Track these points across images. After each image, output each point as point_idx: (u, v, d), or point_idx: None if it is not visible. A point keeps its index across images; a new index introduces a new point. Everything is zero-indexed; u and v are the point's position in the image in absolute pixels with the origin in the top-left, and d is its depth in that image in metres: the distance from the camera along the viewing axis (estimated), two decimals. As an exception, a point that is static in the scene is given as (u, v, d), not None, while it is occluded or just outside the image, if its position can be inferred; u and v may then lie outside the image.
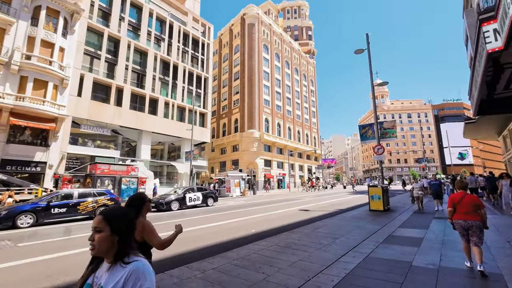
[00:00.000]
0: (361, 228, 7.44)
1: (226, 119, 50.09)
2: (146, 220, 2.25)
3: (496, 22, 10.38)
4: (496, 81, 13.98)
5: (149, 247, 2.26)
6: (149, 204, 2.40)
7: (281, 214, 12.00)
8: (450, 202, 4.27)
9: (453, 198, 4.27)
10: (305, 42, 71.23)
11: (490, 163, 79.57)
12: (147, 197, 2.42)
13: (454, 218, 4.20)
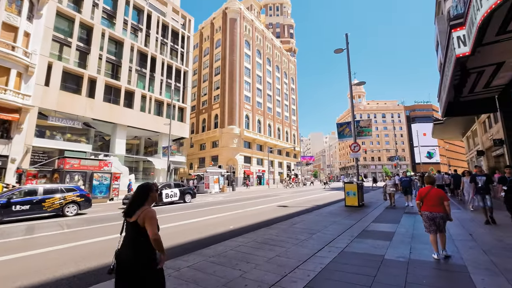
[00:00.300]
0: (337, 223, 7.61)
1: (206, 115, 49.32)
2: (151, 208, 2.32)
3: (465, 29, 11.03)
4: (462, 84, 14.90)
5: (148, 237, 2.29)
6: (155, 193, 2.48)
7: (259, 210, 12.01)
8: (418, 195, 4.67)
9: (421, 192, 4.66)
10: (286, 40, 71.68)
11: (455, 162, 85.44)
12: (154, 187, 2.48)
13: (422, 210, 4.56)
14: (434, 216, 4.35)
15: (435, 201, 4.40)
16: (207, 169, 26.95)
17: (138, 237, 2.22)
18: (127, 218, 2.30)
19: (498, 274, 3.53)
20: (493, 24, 9.58)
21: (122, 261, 2.22)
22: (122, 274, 2.20)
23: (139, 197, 2.35)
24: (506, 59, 12.89)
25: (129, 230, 2.28)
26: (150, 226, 2.21)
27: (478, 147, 26.13)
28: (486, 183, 7.01)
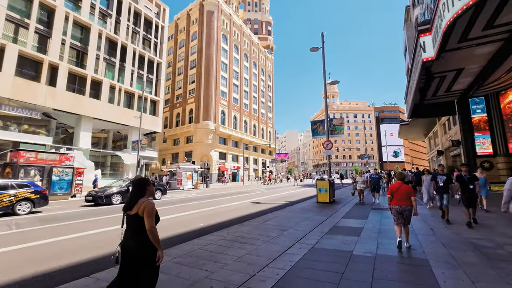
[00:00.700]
0: (308, 220, 7.66)
1: (180, 109, 47.82)
2: (150, 201, 2.44)
3: (431, 35, 11.65)
4: (427, 88, 15.83)
5: None
6: (152, 187, 2.60)
7: (232, 207, 11.82)
8: (390, 190, 4.98)
9: (392, 187, 4.98)
10: (264, 37, 71.66)
11: (417, 161, 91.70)
12: (150, 181, 2.61)
13: (391, 204, 4.88)
14: (402, 209, 4.69)
15: (403, 196, 4.73)
16: (180, 165, 26.13)
17: (140, 229, 2.34)
18: (127, 212, 2.43)
19: (457, 267, 3.68)
20: (456, 31, 10.20)
21: (126, 252, 2.35)
22: (127, 264, 2.34)
23: (137, 191, 2.46)
24: (465, 65, 13.89)
25: (131, 223, 2.40)
26: (147, 218, 2.33)
27: (438, 147, 28.19)
28: (446, 182, 7.04)
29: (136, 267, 2.31)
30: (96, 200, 12.50)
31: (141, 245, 2.32)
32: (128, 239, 2.39)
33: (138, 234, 2.34)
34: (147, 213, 2.33)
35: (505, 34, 10.83)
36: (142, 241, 2.32)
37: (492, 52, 12.20)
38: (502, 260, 3.93)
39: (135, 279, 2.30)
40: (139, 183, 2.51)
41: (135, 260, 2.32)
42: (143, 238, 2.32)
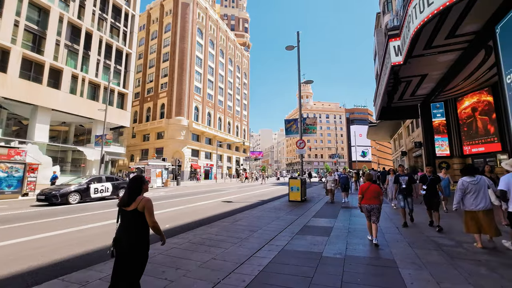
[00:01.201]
0: (279, 219, 7.53)
1: (152, 103, 45.69)
2: (148, 198, 2.60)
3: (400, 40, 12.13)
4: (394, 91, 16.56)
5: None
6: (147, 185, 2.74)
7: (202, 206, 11.39)
8: (360, 190, 5.31)
9: (362, 187, 5.30)
10: (241, 33, 71.05)
11: (383, 161, 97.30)
12: (145, 179, 2.77)
13: (362, 203, 5.24)
14: (371, 208, 5.09)
15: (372, 195, 5.12)
16: (149, 161, 24.86)
17: (139, 223, 2.50)
18: (124, 208, 2.53)
19: (422, 267, 3.72)
20: (422, 38, 10.68)
21: (124, 245, 2.45)
22: (123, 256, 2.44)
23: (135, 188, 2.59)
24: (429, 72, 14.71)
25: (129, 218, 2.52)
26: (150, 216, 2.52)
27: (402, 148, 29.94)
28: (408, 183, 6.80)
29: (131, 259, 2.44)
30: (50, 199, 11.30)
31: (140, 237, 2.48)
32: (125, 233, 2.49)
33: (136, 228, 2.49)
34: (149, 210, 2.52)
35: (464, 44, 11.59)
36: (140, 235, 2.48)
37: (452, 60, 13.02)
38: (462, 259, 4.05)
39: (128, 269, 2.44)
40: (136, 182, 2.65)
41: (131, 252, 2.44)
42: (142, 233, 2.50)
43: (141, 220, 2.51)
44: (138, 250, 2.46)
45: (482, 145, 16.75)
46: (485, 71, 14.43)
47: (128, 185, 2.65)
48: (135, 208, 2.49)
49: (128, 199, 2.53)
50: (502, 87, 9.45)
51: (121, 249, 2.46)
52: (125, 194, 2.59)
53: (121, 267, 2.46)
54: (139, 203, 2.50)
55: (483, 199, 4.69)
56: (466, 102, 17.90)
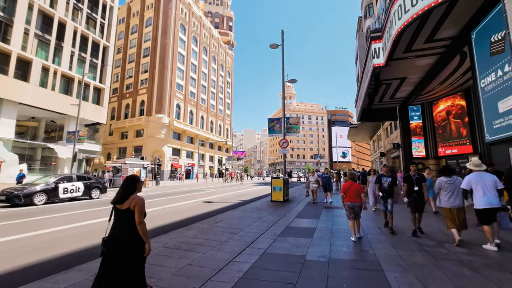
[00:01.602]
0: (261, 220, 7.29)
1: (131, 100, 43.95)
2: (141, 197, 2.63)
3: (381, 42, 12.32)
4: (375, 93, 16.92)
5: None
6: (141, 184, 2.78)
7: (181, 207, 10.91)
8: (343, 189, 5.50)
9: (344, 186, 5.50)
10: (225, 32, 70.31)
11: (362, 161, 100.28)
12: (140, 178, 2.87)
13: (344, 201, 5.41)
14: (353, 205, 5.29)
15: (354, 193, 5.33)
16: (126, 160, 23.74)
17: (132, 222, 2.51)
18: (118, 206, 2.57)
19: (407, 269, 3.61)
20: (403, 41, 10.89)
21: (116, 243, 2.44)
22: (115, 254, 2.43)
23: (129, 187, 2.63)
24: (408, 75, 15.12)
25: (123, 216, 2.54)
26: (139, 214, 2.53)
27: (381, 149, 30.85)
28: (390, 185, 6.25)
29: (125, 258, 2.45)
30: (12, 200, 10.31)
31: (133, 237, 2.49)
32: (118, 231, 2.51)
33: (130, 227, 2.50)
34: (139, 209, 2.53)
35: (442, 48, 12.00)
36: (134, 234, 2.50)
37: (430, 64, 13.47)
38: (445, 259, 4.01)
39: (124, 269, 2.43)
40: (130, 181, 2.69)
41: (125, 251, 2.45)
42: (135, 231, 2.51)
43: (134, 220, 2.52)
44: (130, 249, 2.47)
45: (455, 147, 17.50)
46: (459, 77, 15.05)
47: (123, 183, 2.67)
48: (128, 207, 2.52)
49: (121, 197, 2.56)
50: (476, 90, 9.81)
51: (115, 245, 2.44)
52: (119, 192, 2.61)
53: (111, 267, 2.43)
54: (131, 202, 2.53)
55: (457, 198, 5.05)
56: (441, 106, 18.63)
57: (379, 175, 6.68)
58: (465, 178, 5.04)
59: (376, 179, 6.60)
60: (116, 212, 2.58)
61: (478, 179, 4.75)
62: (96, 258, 4.12)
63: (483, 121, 9.37)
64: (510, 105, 7.91)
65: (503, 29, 7.96)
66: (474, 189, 4.74)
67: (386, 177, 6.47)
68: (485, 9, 8.74)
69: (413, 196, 5.76)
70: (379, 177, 6.64)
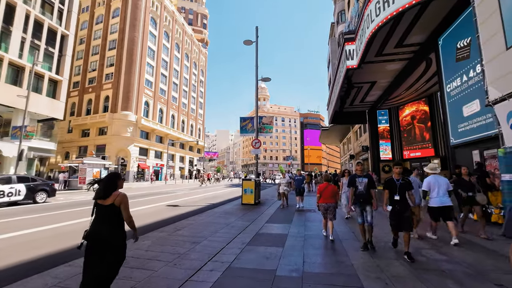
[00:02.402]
0: (229, 226, 6.65)
1: (94, 95, 40.70)
2: (125, 194, 2.73)
3: (355, 44, 12.35)
4: (347, 96, 17.15)
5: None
6: (123, 181, 2.89)
7: (141, 211, 9.85)
8: (318, 190, 5.64)
9: (320, 187, 5.63)
10: (199, 29, 68.54)
11: (332, 164, 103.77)
12: (121, 175, 3.00)
13: (319, 202, 5.55)
14: (328, 206, 5.46)
15: (329, 195, 5.48)
16: (84, 159, 21.58)
17: (116, 216, 2.64)
18: (100, 201, 2.63)
19: (389, 284, 3.21)
20: (376, 42, 10.96)
21: (99, 237, 2.52)
22: (99, 247, 2.50)
23: (110, 184, 2.71)
24: (378, 79, 15.46)
25: (106, 211, 2.61)
26: (125, 210, 2.68)
27: (350, 152, 31.77)
28: (368, 188, 4.97)
29: (108, 251, 2.51)
30: None
31: (116, 231, 2.60)
32: (101, 225, 2.57)
33: (112, 222, 2.61)
34: (125, 206, 2.67)
35: (410, 54, 12.35)
36: (117, 226, 2.64)
37: (398, 69, 13.87)
38: (425, 269, 3.70)
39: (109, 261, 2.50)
40: (111, 178, 2.76)
41: (108, 244, 2.52)
42: (119, 224, 2.66)
43: (118, 214, 2.63)
44: (113, 242, 2.55)
45: (419, 150, 18.32)
46: (423, 83, 15.73)
47: (104, 180, 2.73)
48: (112, 202, 2.59)
49: (103, 193, 2.62)
50: (442, 95, 10.09)
51: (100, 239, 2.51)
52: (100, 188, 2.67)
53: (94, 260, 2.47)
54: (115, 198, 2.61)
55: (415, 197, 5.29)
56: (407, 111, 19.44)
57: (352, 176, 5.31)
58: (424, 180, 5.47)
59: (349, 182, 5.27)
60: (99, 208, 2.63)
61: (434, 181, 5.26)
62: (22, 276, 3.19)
63: (448, 125, 9.67)
64: (474, 109, 8.15)
65: (469, 35, 8.21)
66: (431, 190, 5.26)
67: (362, 178, 5.14)
68: (452, 16, 9.00)
69: (394, 207, 4.45)
70: (352, 178, 5.24)
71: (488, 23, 5.75)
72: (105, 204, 2.58)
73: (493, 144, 7.64)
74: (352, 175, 5.36)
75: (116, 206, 2.59)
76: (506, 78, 5.30)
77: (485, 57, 5.85)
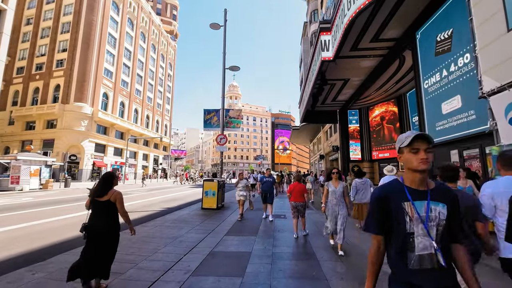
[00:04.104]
0: (177, 241, 5.18)
1: (42, 83, 35.98)
2: (119, 191, 3.19)
3: (331, 34, 11.51)
4: (319, 93, 16.44)
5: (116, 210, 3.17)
6: (117, 180, 3.30)
7: (73, 220, 7.89)
8: (289, 189, 5.88)
9: (291, 187, 5.88)
10: (168, 20, 64.85)
11: (301, 164, 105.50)
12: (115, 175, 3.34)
13: (290, 200, 5.76)
14: (297, 205, 5.66)
15: (299, 193, 5.69)
16: (18, 155, 18.26)
17: (112, 211, 3.08)
18: (98, 198, 3.06)
19: None
20: (352, 33, 10.21)
21: (96, 230, 2.98)
22: (97, 237, 2.98)
23: (107, 183, 3.13)
24: (351, 77, 14.93)
25: (103, 207, 3.06)
26: (120, 205, 3.13)
27: (320, 152, 31.65)
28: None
29: (104, 241, 2.99)
30: None
31: (111, 224, 3.05)
32: (98, 219, 3.01)
33: (108, 216, 3.05)
34: (120, 201, 3.12)
35: (385, 50, 11.87)
36: (112, 221, 3.06)
37: (372, 66, 13.40)
38: None
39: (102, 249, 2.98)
40: (107, 178, 3.17)
41: (104, 235, 3.00)
42: (113, 219, 3.09)
43: (113, 209, 3.08)
44: (110, 232, 3.04)
45: (387, 151, 18.26)
46: (393, 84, 15.57)
47: (100, 180, 3.16)
48: (109, 199, 3.03)
49: (100, 191, 3.06)
50: (419, 91, 9.56)
51: (95, 232, 2.97)
52: (97, 187, 3.11)
53: (95, 248, 2.94)
54: (111, 195, 3.05)
55: (366, 195, 6.17)
56: (376, 111, 19.36)
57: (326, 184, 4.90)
58: (381, 180, 6.12)
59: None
60: (96, 204, 3.05)
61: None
62: None
63: (425, 124, 9.16)
64: (454, 106, 7.57)
65: (450, 27, 7.64)
66: None
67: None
68: (432, 8, 8.48)
69: None
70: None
71: (484, 3, 5.02)
72: (102, 200, 3.02)
73: (473, 144, 7.13)
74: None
75: (111, 202, 3.04)
76: (506, 64, 4.57)
77: (480, 42, 5.13)
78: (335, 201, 4.68)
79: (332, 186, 4.79)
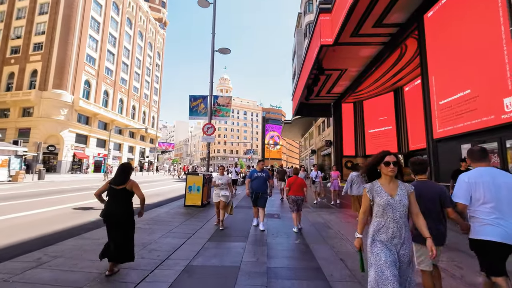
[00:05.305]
0: (145, 250, 4.14)
1: (17, 67, 33.49)
2: (135, 180, 3.44)
3: (330, 17, 10.54)
4: (315, 84, 15.51)
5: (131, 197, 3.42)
6: (132, 169, 3.60)
7: (29, 218, 6.69)
8: (288, 183, 5.84)
9: (289, 181, 5.82)
10: (157, 7, 62.17)
11: (291, 159, 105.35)
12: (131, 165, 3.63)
13: (289, 194, 5.73)
14: (297, 199, 5.63)
15: (298, 187, 5.67)
16: (-17, 144, 16.61)
17: (128, 198, 3.35)
18: (115, 186, 3.31)
19: None
20: (353, 18, 9.27)
21: (114, 216, 3.26)
22: (117, 222, 3.27)
23: (125, 173, 3.41)
24: (348, 67, 14.07)
25: (120, 194, 3.31)
26: (138, 191, 3.41)
27: (312, 147, 30.96)
28: None
29: (122, 226, 3.27)
30: None
31: (129, 208, 3.32)
32: (116, 206, 3.27)
33: (125, 202, 3.30)
34: (137, 187, 3.40)
35: (387, 37, 11.04)
36: (128, 208, 3.31)
37: (371, 56, 12.59)
38: None
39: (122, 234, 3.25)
40: (126, 168, 3.47)
41: (122, 221, 3.27)
42: (129, 206, 3.34)
43: (128, 196, 3.35)
44: (128, 216, 3.29)
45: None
46: (390, 77, 14.89)
47: (120, 170, 3.43)
48: (125, 187, 3.30)
49: (120, 181, 3.33)
50: (425, 77, 8.81)
51: (114, 218, 3.25)
52: (116, 176, 3.38)
53: (116, 231, 3.24)
54: (128, 184, 3.32)
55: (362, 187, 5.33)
56: (372, 105, 18.75)
57: None
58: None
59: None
60: (113, 191, 3.30)
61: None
62: None
63: (431, 115, 8.41)
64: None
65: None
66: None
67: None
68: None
69: None
70: None
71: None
72: (118, 188, 3.30)
73: (491, 137, 6.39)
74: None
75: (127, 190, 3.32)
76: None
77: None
78: None
79: None
